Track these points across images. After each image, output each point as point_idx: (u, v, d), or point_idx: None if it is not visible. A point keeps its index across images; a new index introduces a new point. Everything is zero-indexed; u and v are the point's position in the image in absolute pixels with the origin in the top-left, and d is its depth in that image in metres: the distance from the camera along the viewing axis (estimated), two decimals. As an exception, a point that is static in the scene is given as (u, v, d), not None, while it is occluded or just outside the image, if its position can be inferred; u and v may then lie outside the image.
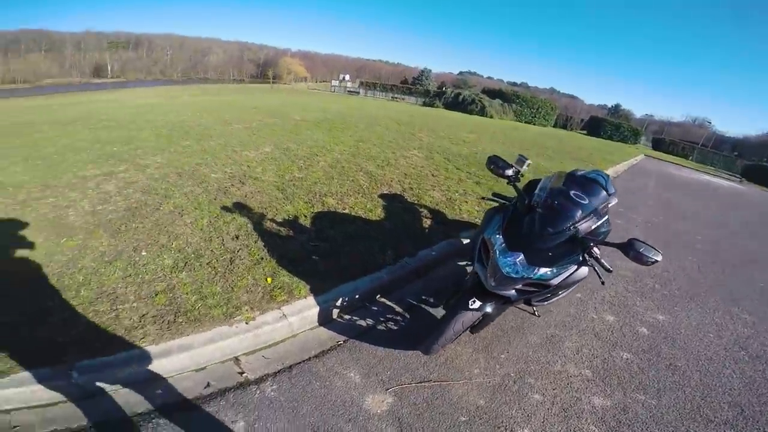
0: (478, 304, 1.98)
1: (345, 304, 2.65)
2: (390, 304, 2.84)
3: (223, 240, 3.08)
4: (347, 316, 2.64)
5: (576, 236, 1.80)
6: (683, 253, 5.03)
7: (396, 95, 35.22)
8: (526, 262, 1.80)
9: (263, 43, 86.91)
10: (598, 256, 1.74)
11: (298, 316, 2.41)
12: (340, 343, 2.41)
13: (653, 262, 1.61)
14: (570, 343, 2.72)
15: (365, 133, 8.62)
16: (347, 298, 2.66)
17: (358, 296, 2.72)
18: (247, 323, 2.26)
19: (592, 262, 1.78)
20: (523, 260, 1.81)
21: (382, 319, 2.67)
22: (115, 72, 60.92)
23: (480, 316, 2.05)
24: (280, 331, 2.33)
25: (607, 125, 28.61)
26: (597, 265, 1.77)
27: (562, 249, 1.83)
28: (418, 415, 1.97)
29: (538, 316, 2.89)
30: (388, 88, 38.56)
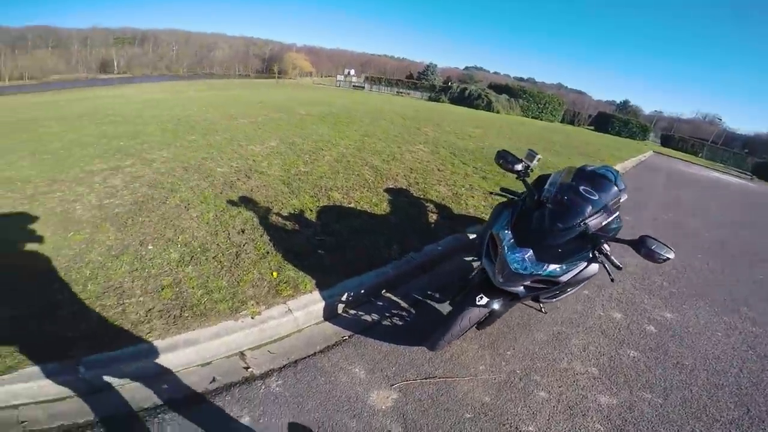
0: (486, 301, 1.97)
1: (350, 299, 2.64)
2: (395, 299, 2.83)
3: (229, 234, 3.08)
4: (352, 311, 2.63)
5: (586, 232, 1.77)
6: (692, 251, 4.96)
7: (401, 90, 35.11)
8: (535, 259, 1.78)
9: (268, 38, 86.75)
10: (608, 253, 1.71)
11: (304, 311, 2.41)
12: (345, 338, 2.41)
13: (665, 260, 1.58)
14: (577, 341, 2.69)
15: (370, 127, 8.58)
16: (352, 293, 2.65)
17: (363, 291, 2.72)
18: (252, 318, 2.26)
19: (602, 259, 1.76)
20: (532, 256, 1.78)
21: (388, 315, 2.67)
22: (121, 68, 61.17)
23: (487, 313, 2.03)
24: (286, 325, 2.33)
25: (615, 121, 28.25)
26: (607, 262, 1.74)
27: (572, 245, 1.80)
28: (422, 412, 1.96)
29: (545, 313, 2.87)
30: (393, 83, 38.46)
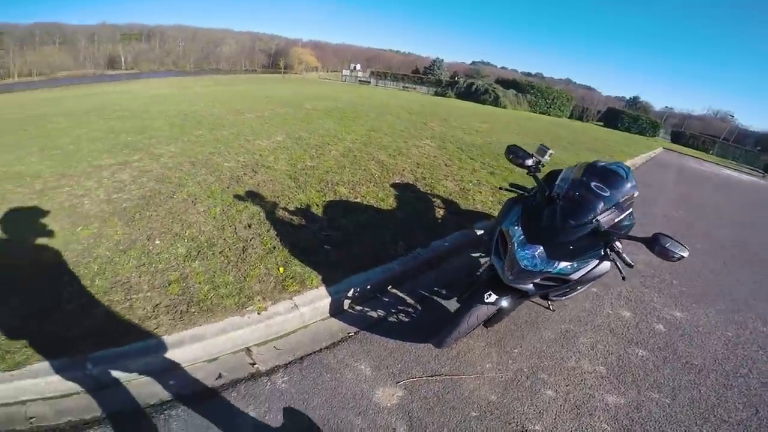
0: (494, 298, 1.94)
1: (356, 294, 2.63)
2: (401, 295, 2.82)
3: (236, 229, 3.08)
4: (358, 307, 2.63)
5: (598, 229, 1.73)
6: (703, 249, 4.88)
7: (407, 85, 34.79)
8: (546, 256, 1.75)
9: (274, 34, 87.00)
10: (620, 250, 1.67)
11: (310, 307, 2.40)
12: (351, 334, 2.40)
13: (679, 258, 1.54)
14: (585, 339, 2.66)
15: (376, 122, 8.54)
16: (359, 289, 2.64)
17: (369, 287, 2.70)
18: (259, 313, 2.26)
19: (614, 257, 1.72)
20: (543, 253, 1.75)
21: (394, 311, 2.65)
22: (128, 63, 61.50)
23: (495, 310, 2.00)
24: (292, 321, 2.33)
25: (625, 117, 27.91)
26: (618, 260, 1.71)
27: (584, 242, 1.76)
28: (428, 410, 1.95)
29: (553, 311, 2.85)
30: (399, 78, 38.09)
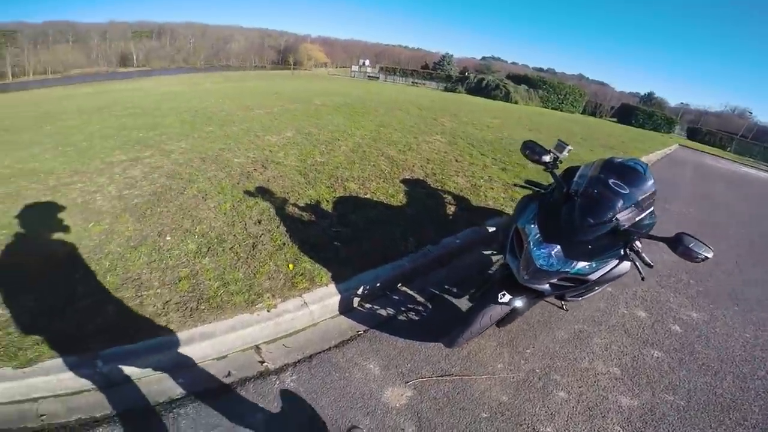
0: (508, 298, 1.90)
1: (366, 292, 2.61)
2: (411, 293, 2.79)
3: (246, 225, 3.08)
4: (368, 305, 2.60)
5: (617, 228, 1.68)
6: (720, 248, 4.74)
7: (416, 80, 34.64)
8: (563, 255, 1.69)
9: (283, 30, 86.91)
10: (640, 250, 1.61)
11: (319, 305, 2.39)
12: (360, 332, 2.38)
13: (703, 259, 1.47)
14: (599, 339, 2.61)
15: (386, 117, 8.50)
16: (368, 287, 2.61)
17: (379, 285, 2.68)
18: (268, 311, 2.25)
19: (633, 257, 1.66)
20: (560, 253, 1.70)
21: (403, 309, 2.62)
22: (140, 61, 62.17)
23: (508, 310, 1.96)
24: (301, 319, 2.32)
25: (639, 113, 27.34)
26: (638, 260, 1.65)
27: (603, 242, 1.71)
28: (437, 410, 1.92)
29: (566, 311, 2.80)
30: (408, 73, 37.96)
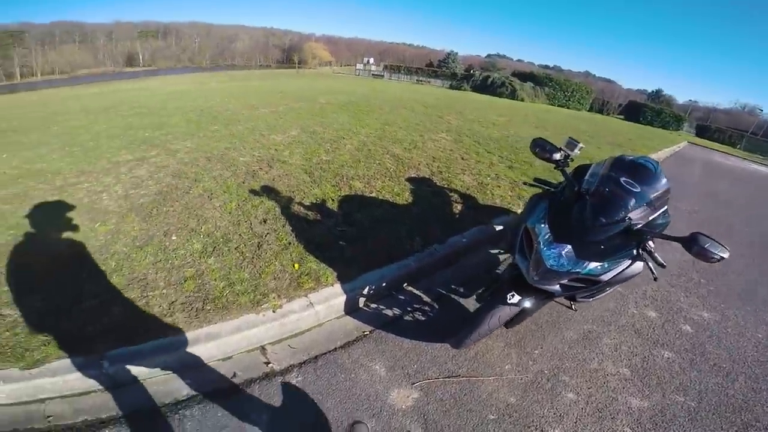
0: (517, 299, 1.87)
1: (371, 292, 2.59)
2: (417, 293, 2.76)
3: (251, 224, 3.07)
4: (373, 305, 2.58)
5: (630, 228, 1.64)
6: (732, 246, 4.63)
7: (421, 78, 34.48)
8: (574, 256, 1.66)
9: (288, 29, 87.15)
10: (653, 250, 1.58)
11: (325, 305, 2.37)
12: (366, 333, 2.36)
13: (719, 259, 1.43)
14: (608, 340, 2.57)
15: (391, 116, 8.46)
16: (374, 287, 2.59)
17: (385, 284, 2.66)
18: (274, 311, 2.23)
19: (645, 257, 1.62)
20: (571, 253, 1.66)
21: (410, 309, 2.60)
22: (146, 61, 62.61)
23: (517, 311, 1.93)
24: (307, 320, 2.30)
25: (647, 110, 27.14)
26: (650, 260, 1.61)
27: (615, 242, 1.67)
28: (444, 412, 1.90)
29: (575, 311, 2.76)
30: (412, 71, 37.79)
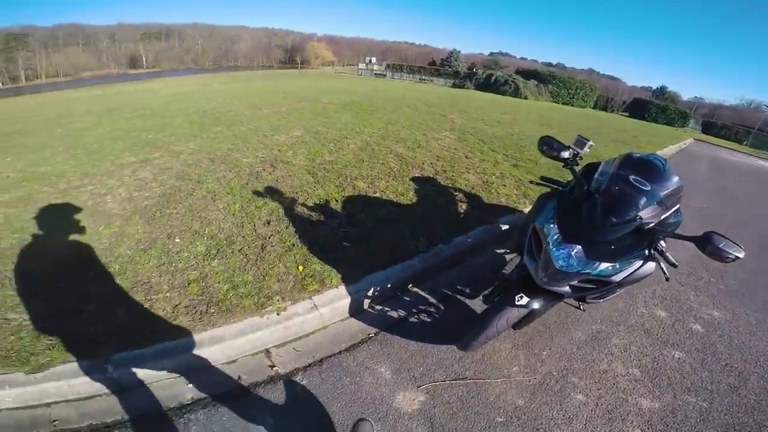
0: (526, 300, 1.83)
1: (376, 294, 2.56)
2: (423, 294, 2.73)
3: (255, 226, 3.05)
4: (378, 307, 2.56)
5: (642, 227, 1.60)
6: (742, 244, 4.57)
7: (424, 77, 34.33)
8: (584, 256, 1.62)
9: (289, 29, 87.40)
10: (665, 250, 1.54)
11: (329, 307, 2.35)
12: (371, 335, 2.34)
13: (734, 259, 1.39)
14: (617, 340, 2.53)
15: (394, 115, 8.44)
16: (378, 288, 2.57)
17: (389, 286, 2.63)
18: (278, 314, 2.21)
19: (657, 257, 1.58)
20: (580, 253, 1.62)
21: (415, 311, 2.57)
22: (149, 62, 63.00)
23: (526, 313, 1.89)
24: (311, 322, 2.28)
25: (652, 107, 27.00)
26: (662, 260, 1.57)
27: (626, 241, 1.62)
28: (451, 415, 1.87)
29: (584, 311, 2.72)
30: (415, 70, 37.63)
